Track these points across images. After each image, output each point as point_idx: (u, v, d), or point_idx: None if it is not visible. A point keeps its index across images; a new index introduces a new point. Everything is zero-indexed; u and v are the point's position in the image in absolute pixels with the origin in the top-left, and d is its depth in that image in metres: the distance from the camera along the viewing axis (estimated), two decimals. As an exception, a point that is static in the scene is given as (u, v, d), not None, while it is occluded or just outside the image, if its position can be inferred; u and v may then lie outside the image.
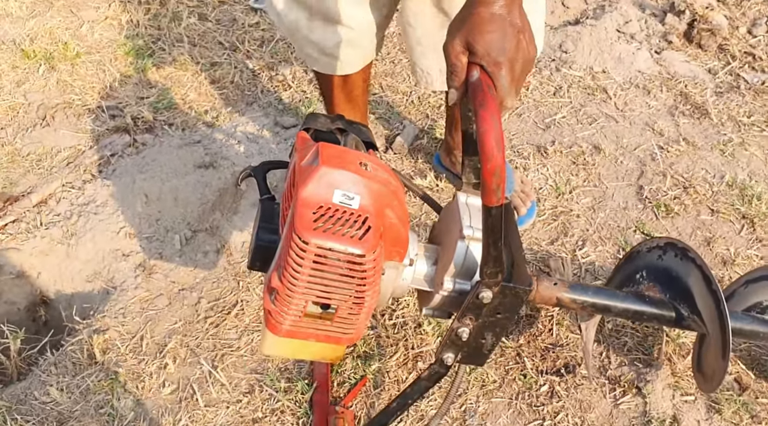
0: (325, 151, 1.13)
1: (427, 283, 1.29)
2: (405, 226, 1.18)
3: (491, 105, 0.95)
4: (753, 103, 2.33)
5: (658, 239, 1.49)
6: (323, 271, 1.07)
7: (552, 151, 2.20)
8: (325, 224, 1.06)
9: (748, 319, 1.50)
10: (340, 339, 1.17)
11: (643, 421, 1.62)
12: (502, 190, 0.99)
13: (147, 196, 2.12)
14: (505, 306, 1.20)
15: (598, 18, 2.66)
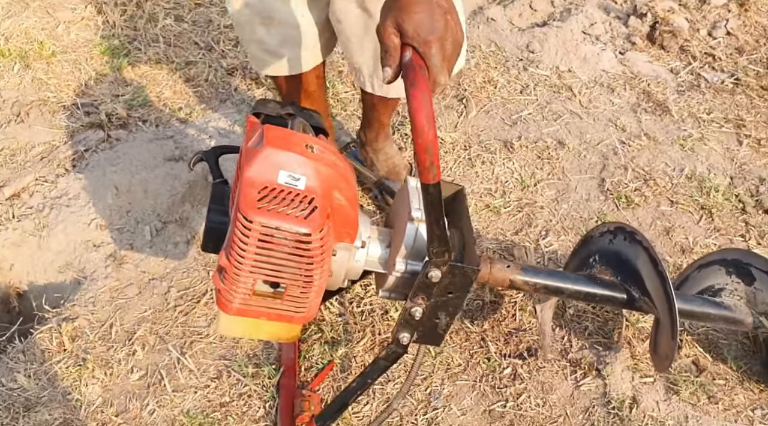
0: (271, 133, 1.16)
1: (381, 265, 1.33)
2: (354, 207, 1.22)
3: (421, 84, 0.98)
4: (713, 100, 2.41)
5: (609, 224, 1.54)
6: (270, 249, 1.10)
7: (518, 146, 2.25)
8: (270, 204, 1.09)
9: (698, 301, 1.56)
10: (292, 318, 1.20)
11: (603, 402, 1.66)
12: (437, 167, 1.02)
13: (117, 188, 2.14)
14: (456, 285, 1.25)
15: (564, 20, 2.74)
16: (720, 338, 1.77)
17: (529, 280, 1.45)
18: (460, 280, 1.24)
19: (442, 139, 2.29)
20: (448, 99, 2.45)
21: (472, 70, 2.55)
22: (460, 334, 1.81)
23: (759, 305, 1.55)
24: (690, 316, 1.55)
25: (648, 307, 1.49)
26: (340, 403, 1.46)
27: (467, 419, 1.66)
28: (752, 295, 1.56)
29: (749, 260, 1.56)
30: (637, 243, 1.46)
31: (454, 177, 2.18)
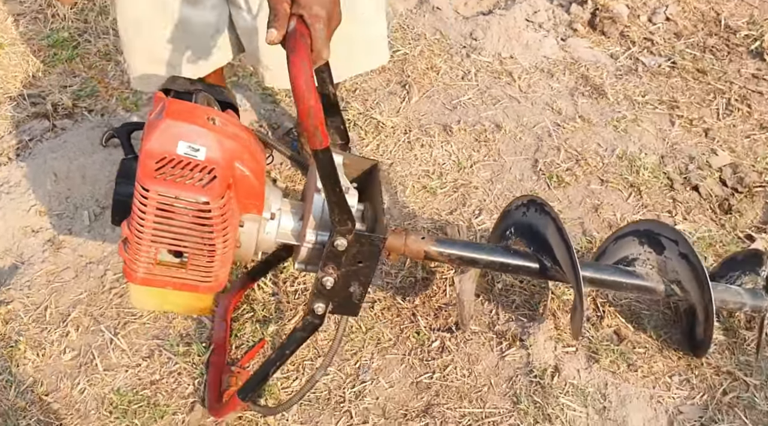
0: (172, 106, 1.19)
1: (293, 237, 1.36)
2: (259, 179, 1.24)
3: (301, 51, 1.02)
4: (649, 83, 2.46)
5: (523, 197, 1.58)
6: (170, 218, 1.12)
7: (457, 129, 2.29)
8: (168, 173, 1.11)
9: (609, 270, 1.60)
10: (198, 287, 1.23)
11: (526, 371, 1.70)
12: (322, 132, 1.05)
13: (56, 175, 2.16)
14: (364, 254, 1.28)
15: (508, 8, 2.78)
16: (642, 309, 1.81)
17: (443, 251, 1.49)
18: (368, 249, 1.27)
19: (383, 123, 2.32)
20: (391, 85, 2.48)
21: (416, 58, 2.59)
22: (391, 311, 1.84)
23: (669, 273, 1.59)
24: (601, 284, 1.59)
25: (560, 276, 1.53)
26: (261, 375, 1.48)
27: (394, 391, 1.69)
28: (663, 263, 1.60)
29: (659, 230, 1.61)
30: (546, 214, 1.51)
31: (394, 160, 2.21)
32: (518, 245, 1.59)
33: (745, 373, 1.68)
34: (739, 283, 1.69)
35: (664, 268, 1.60)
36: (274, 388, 1.69)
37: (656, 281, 1.59)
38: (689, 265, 1.55)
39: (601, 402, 1.64)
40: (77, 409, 1.67)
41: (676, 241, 1.57)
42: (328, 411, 1.65)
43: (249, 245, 1.31)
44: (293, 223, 1.36)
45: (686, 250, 1.55)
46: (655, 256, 1.61)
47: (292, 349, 1.44)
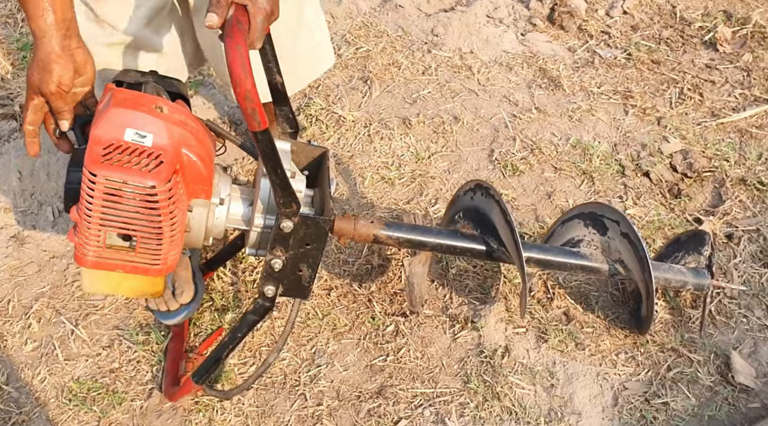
0: (119, 95, 1.22)
1: (243, 223, 1.39)
2: (207, 165, 1.28)
3: (237, 36, 1.07)
4: (605, 75, 2.51)
5: (471, 182, 1.62)
6: (118, 203, 1.15)
7: (416, 122, 2.33)
8: (115, 159, 1.14)
9: (553, 251, 1.64)
10: (148, 270, 1.25)
11: (477, 352, 1.74)
12: (260, 114, 1.09)
13: (21, 172, 2.19)
14: (311, 237, 1.32)
15: (469, 5, 2.83)
16: (591, 291, 1.86)
17: (392, 234, 1.53)
18: (314, 231, 1.31)
19: (344, 117, 2.36)
20: (354, 81, 2.53)
21: (378, 54, 2.63)
22: (347, 297, 1.87)
23: (612, 253, 1.64)
24: (546, 264, 1.63)
25: (505, 257, 1.57)
26: (214, 358, 1.52)
27: (349, 374, 1.73)
28: (606, 244, 1.65)
29: (602, 212, 1.65)
30: (491, 198, 1.55)
31: (354, 152, 2.25)
32: (467, 229, 1.63)
33: (689, 350, 1.72)
34: (683, 262, 1.74)
35: (608, 248, 1.64)
36: (231, 373, 1.73)
37: (600, 261, 1.63)
38: (630, 244, 1.60)
39: (548, 380, 1.68)
40: (37, 398, 1.70)
41: (617, 221, 1.62)
42: (283, 394, 1.69)
43: (198, 230, 1.34)
44: (243, 208, 1.39)
45: (627, 230, 1.60)
46: (599, 237, 1.66)
47: (244, 332, 1.47)
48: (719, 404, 1.63)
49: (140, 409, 1.67)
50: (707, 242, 1.72)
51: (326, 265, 1.94)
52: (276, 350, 1.52)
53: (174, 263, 1.30)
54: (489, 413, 1.63)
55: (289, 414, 1.65)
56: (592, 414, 1.62)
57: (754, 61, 2.50)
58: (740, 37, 2.57)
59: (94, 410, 1.66)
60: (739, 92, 2.38)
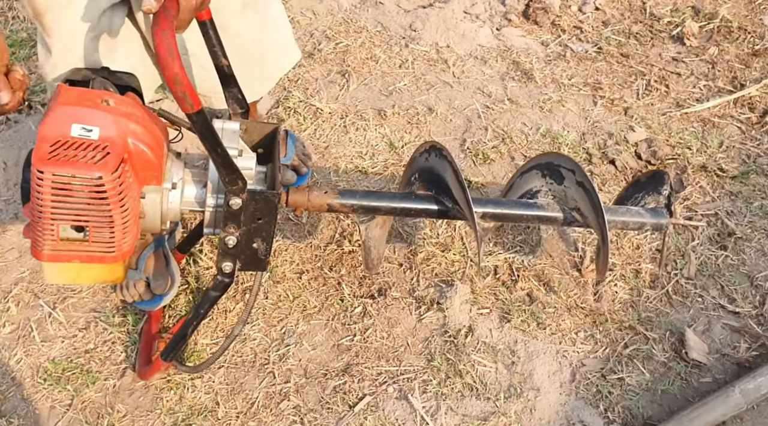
0: (64, 92, 1.27)
1: (197, 204, 1.43)
2: (156, 152, 1.31)
3: (164, 23, 1.11)
4: (576, 68, 2.57)
5: (425, 143, 1.62)
6: (68, 196, 1.19)
7: (391, 113, 2.39)
8: (62, 154, 1.18)
9: (508, 204, 1.61)
10: (103, 257, 1.29)
11: (441, 331, 1.79)
12: (191, 96, 1.13)
13: (5, 163, 2.24)
14: (262, 211, 1.36)
15: (447, 1, 2.89)
16: (554, 273, 1.91)
17: (345, 202, 1.53)
18: (264, 206, 1.35)
19: (321, 109, 2.42)
20: (332, 74, 2.58)
21: (357, 49, 2.69)
22: (318, 280, 1.93)
23: (569, 201, 1.63)
24: (503, 218, 1.61)
25: (460, 215, 1.58)
26: (179, 335, 1.57)
27: (317, 353, 1.78)
28: (563, 193, 1.64)
29: (559, 162, 1.65)
30: (444, 158, 1.56)
31: (329, 143, 2.31)
32: (422, 190, 1.64)
33: (646, 328, 1.78)
34: (643, 203, 1.71)
35: (564, 197, 1.63)
36: (204, 353, 1.78)
37: (556, 210, 1.62)
38: (585, 192, 1.58)
39: (510, 357, 1.74)
40: (13, 378, 1.75)
41: (573, 170, 1.61)
42: (252, 373, 1.74)
43: (154, 215, 1.37)
44: (196, 190, 1.42)
45: (582, 179, 1.59)
46: (556, 186, 1.65)
47: (206, 308, 1.52)
48: (672, 379, 1.69)
49: (113, 388, 1.72)
50: (666, 182, 1.69)
51: (298, 250, 1.99)
52: (241, 322, 1.57)
53: (129, 250, 1.33)
54: (451, 390, 1.69)
55: (258, 391, 1.70)
56: (551, 390, 1.68)
57: (719, 54, 2.56)
58: (707, 31, 2.63)
59: (68, 389, 1.71)
60: (703, 84, 2.44)
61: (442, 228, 2.02)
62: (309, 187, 1.52)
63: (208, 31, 1.45)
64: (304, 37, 2.77)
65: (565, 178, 1.64)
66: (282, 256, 1.99)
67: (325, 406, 1.67)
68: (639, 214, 1.65)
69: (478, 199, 1.55)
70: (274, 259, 1.98)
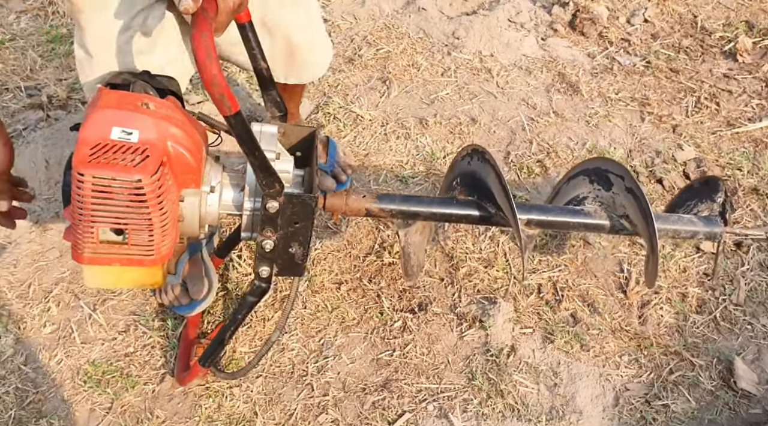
0: (105, 96, 1.27)
1: (235, 208, 1.41)
2: (195, 155, 1.30)
3: (203, 25, 1.09)
4: (623, 82, 2.52)
5: (467, 147, 1.56)
6: (108, 199, 1.19)
7: (432, 122, 2.36)
8: (102, 157, 1.18)
9: (554, 211, 1.54)
10: (142, 260, 1.28)
11: (483, 350, 1.77)
12: (229, 98, 1.12)
13: (48, 162, 2.26)
14: (299, 215, 1.33)
15: (492, 9, 2.86)
16: (599, 294, 1.87)
17: (384, 207, 1.48)
18: (301, 210, 1.32)
19: (361, 116, 2.40)
20: (372, 81, 2.56)
21: (398, 55, 2.67)
22: (357, 292, 1.91)
23: (618, 209, 1.57)
24: (549, 225, 1.55)
25: (503, 221, 1.53)
26: (217, 341, 1.55)
27: (355, 367, 1.76)
28: (611, 199, 1.58)
29: (607, 167, 1.59)
30: (486, 162, 1.50)
31: (369, 151, 2.29)
32: (463, 195, 1.59)
33: (692, 354, 1.74)
34: (695, 211, 1.65)
35: (612, 203, 1.57)
36: (242, 361, 1.77)
37: (604, 218, 1.55)
38: (634, 198, 1.52)
39: (552, 379, 1.71)
40: (53, 379, 1.75)
41: (622, 176, 1.55)
42: (290, 384, 1.73)
43: (192, 218, 1.36)
44: (234, 194, 1.40)
45: (631, 185, 1.53)
46: (604, 193, 1.59)
47: (244, 314, 1.49)
48: (720, 408, 1.64)
49: (152, 393, 1.72)
50: (720, 189, 1.62)
51: (337, 260, 1.98)
52: (278, 329, 1.55)
53: (169, 253, 1.32)
54: (492, 410, 1.66)
55: (296, 402, 1.69)
56: (593, 413, 1.64)
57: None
58: (761, 47, 2.56)
59: (108, 392, 1.71)
60: (756, 103, 2.38)
61: (485, 243, 1.99)
62: (347, 191, 1.49)
63: (247, 34, 1.44)
64: (345, 41, 2.76)
65: (614, 184, 1.56)
66: (321, 265, 1.97)
67: (363, 422, 1.65)
68: (691, 223, 1.56)
69: (522, 205, 1.50)
70: (313, 268, 1.96)
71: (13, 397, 1.70)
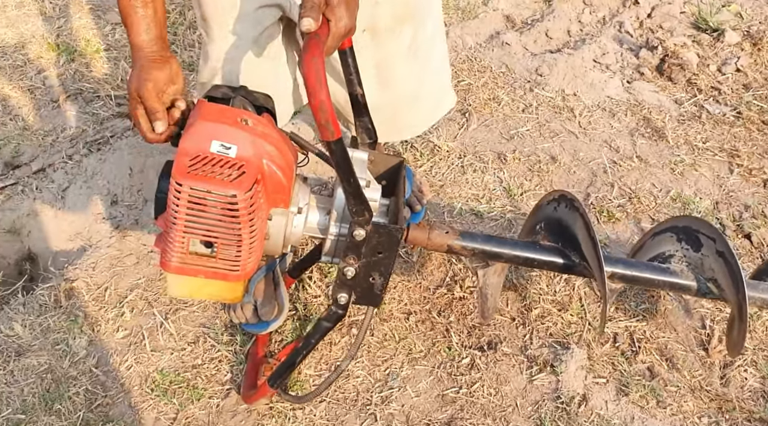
0: (205, 108, 1.29)
1: (319, 231, 1.42)
2: (287, 175, 1.31)
3: (314, 49, 1.10)
4: (712, 131, 2.45)
5: (554, 192, 1.55)
6: (201, 211, 1.20)
7: (511, 158, 2.34)
8: (200, 170, 1.19)
9: (641, 266, 1.52)
10: (227, 275, 1.29)
11: (553, 396, 1.71)
12: (333, 124, 1.11)
13: (132, 169, 2.32)
14: (384, 245, 1.33)
15: (577, 48, 2.83)
16: (678, 349, 1.80)
17: (467, 245, 1.47)
18: (386, 240, 1.32)
19: (439, 147, 2.39)
20: (452, 112, 2.55)
21: (480, 88, 2.66)
22: (426, 324, 1.88)
23: (706, 271, 1.52)
24: (632, 280, 1.52)
25: (587, 272, 1.48)
26: (288, 363, 1.54)
27: (420, 401, 1.73)
28: (699, 261, 1.53)
29: (698, 227, 1.54)
30: (575, 210, 1.48)
31: (445, 182, 2.27)
32: (546, 241, 1.57)
33: (779, 423, 1.64)
34: None
35: (701, 265, 1.52)
36: (307, 384, 1.76)
37: (690, 279, 1.51)
38: (725, 263, 1.47)
39: (625, 434, 1.64)
40: (122, 384, 1.77)
41: (714, 238, 1.50)
42: (354, 412, 1.70)
43: (277, 238, 1.37)
44: (320, 217, 1.41)
45: (723, 248, 1.48)
46: (692, 253, 1.54)
47: (317, 339, 1.48)
48: (808, 486, 1.55)
49: (216, 408, 1.72)
50: None
51: (407, 290, 1.95)
52: (349, 357, 1.52)
53: (252, 269, 1.33)
54: (559, 460, 1.60)
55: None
56: (668, 476, 1.57)
57: None
58: None
59: (174, 402, 1.72)
60: None
61: (560, 285, 1.94)
62: (429, 225, 1.47)
63: (347, 59, 1.45)
64: (428, 71, 2.76)
65: (704, 246, 1.52)
66: (390, 293, 1.96)
67: (426, 459, 1.62)
68: None
69: (608, 257, 1.46)
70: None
71: (82, 399, 1.73)
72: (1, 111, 2.62)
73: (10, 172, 2.43)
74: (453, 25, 3.03)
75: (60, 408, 1.72)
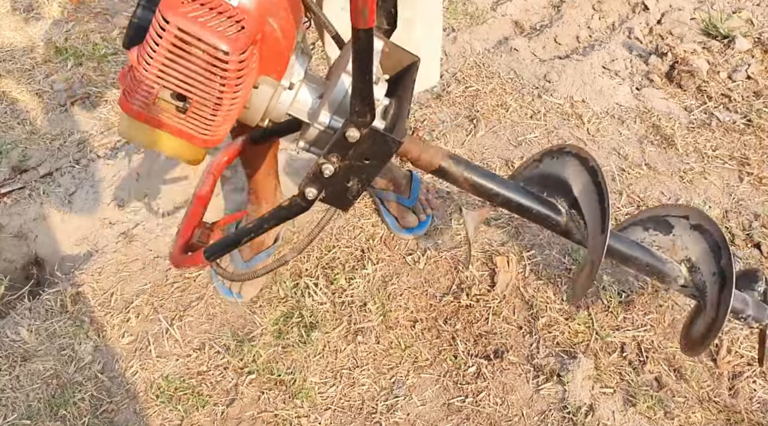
0: None
1: (306, 114, 1.25)
2: (287, 41, 1.15)
3: None
4: (721, 139, 2.43)
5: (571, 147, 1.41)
6: (183, 58, 1.04)
7: (519, 164, 2.32)
8: (194, 11, 1.02)
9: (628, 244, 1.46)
10: (194, 137, 1.13)
11: (560, 406, 1.70)
12: (370, 11, 0.95)
13: (139, 174, 2.32)
14: (374, 153, 1.17)
15: (586, 54, 2.81)
16: (686, 360, 1.78)
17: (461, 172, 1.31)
18: (379, 149, 1.17)
19: (447, 154, 2.38)
20: (459, 118, 2.55)
21: (488, 94, 2.65)
22: (431, 332, 1.87)
23: (679, 252, 1.47)
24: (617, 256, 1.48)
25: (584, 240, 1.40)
26: (232, 240, 1.35)
27: (425, 409, 1.72)
28: (671, 243, 1.48)
29: (665, 212, 1.49)
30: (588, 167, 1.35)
31: (452, 188, 2.26)
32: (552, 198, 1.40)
33: (789, 436, 1.62)
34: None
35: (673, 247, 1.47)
36: (311, 392, 1.75)
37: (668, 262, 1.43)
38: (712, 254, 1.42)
39: (632, 446, 1.62)
40: (127, 390, 1.77)
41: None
42: (359, 420, 1.69)
43: (258, 109, 1.21)
44: (310, 98, 1.24)
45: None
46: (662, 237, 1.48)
47: (271, 225, 1.31)
48: (819, 500, 1.53)
49: (221, 415, 1.71)
50: (761, 279, 1.52)
51: (413, 297, 1.94)
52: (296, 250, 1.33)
53: (223, 137, 1.17)
54: (566, 471, 1.58)
55: (363, 441, 1.65)
56: (676, 489, 1.55)
57: None
58: None
59: (179, 409, 1.72)
60: None
61: (567, 293, 1.93)
62: (425, 140, 1.35)
63: None
64: (436, 77, 2.76)
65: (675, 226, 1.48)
66: (396, 301, 1.95)
67: (431, 469, 1.61)
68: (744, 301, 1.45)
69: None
70: (388, 303, 1.94)
71: (88, 405, 1.73)
72: (9, 115, 2.63)
73: (18, 176, 2.43)
74: (461, 30, 3.02)
75: (65, 414, 1.72)
